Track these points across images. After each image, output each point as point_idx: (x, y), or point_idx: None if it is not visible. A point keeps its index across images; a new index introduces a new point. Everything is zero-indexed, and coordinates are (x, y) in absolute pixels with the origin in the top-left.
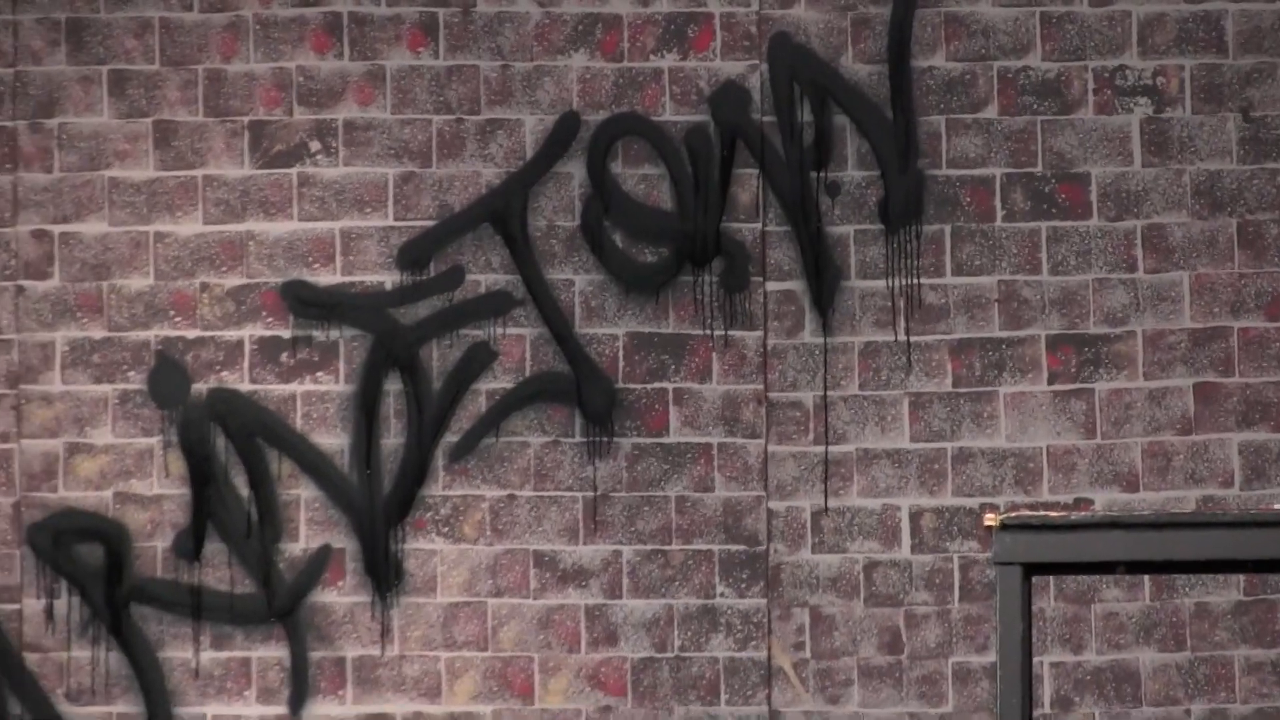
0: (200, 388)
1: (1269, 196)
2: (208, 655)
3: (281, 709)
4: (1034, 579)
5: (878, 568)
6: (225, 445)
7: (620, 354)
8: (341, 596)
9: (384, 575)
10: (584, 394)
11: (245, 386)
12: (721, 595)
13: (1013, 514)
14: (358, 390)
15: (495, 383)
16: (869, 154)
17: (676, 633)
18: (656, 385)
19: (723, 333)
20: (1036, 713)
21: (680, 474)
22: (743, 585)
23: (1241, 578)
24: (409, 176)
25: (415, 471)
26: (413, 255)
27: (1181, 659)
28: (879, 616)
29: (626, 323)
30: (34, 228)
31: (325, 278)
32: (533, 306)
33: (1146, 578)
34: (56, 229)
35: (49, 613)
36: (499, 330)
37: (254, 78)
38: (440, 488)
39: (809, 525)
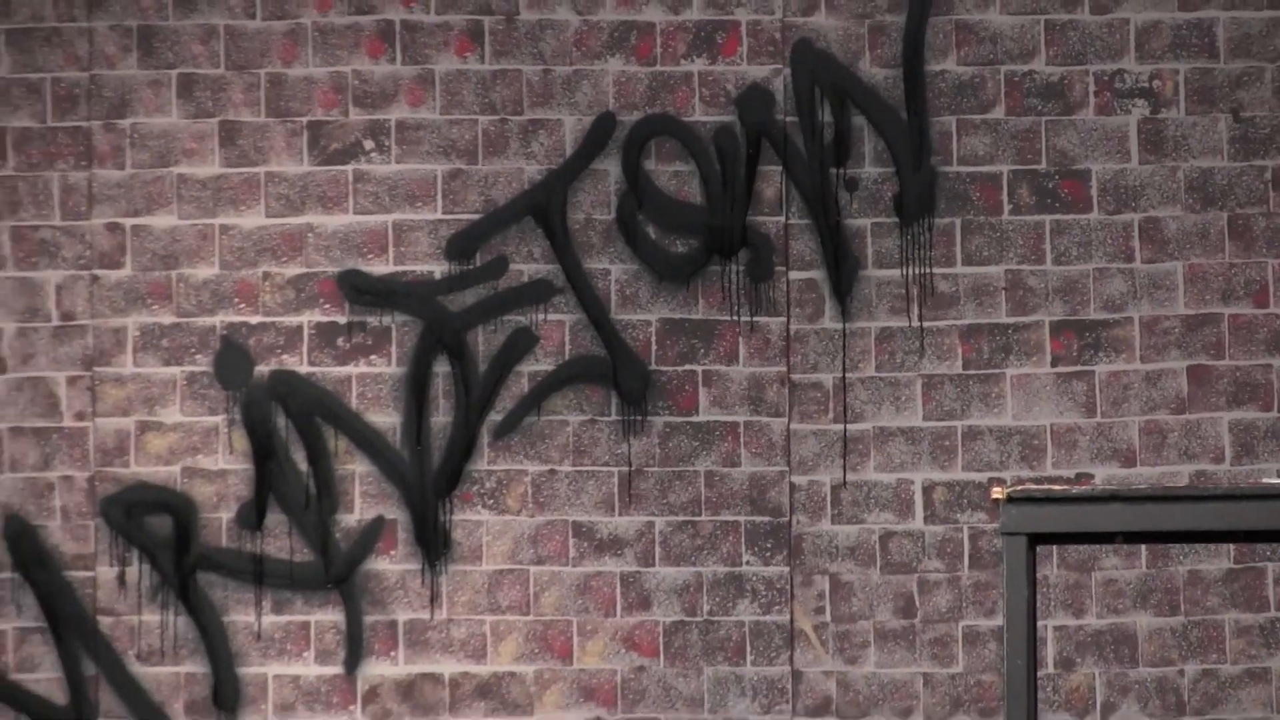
0: (262, 370)
1: (1257, 191)
2: (269, 619)
3: (338, 669)
4: (1038, 548)
5: (893, 537)
6: (285, 423)
7: (653, 338)
8: (393, 564)
9: (433, 544)
10: (619, 376)
11: (304, 369)
12: (747, 563)
13: (1018, 488)
14: (409, 372)
15: (537, 365)
16: (885, 152)
17: (705, 598)
18: (687, 368)
19: (748, 319)
20: (1041, 673)
21: (709, 450)
22: (767, 554)
23: (1231, 547)
24: (457, 173)
25: (462, 448)
26: (460, 246)
27: (1176, 623)
28: (894, 583)
29: (659, 309)
30: (107, 221)
31: (379, 267)
32: (571, 294)
33: (1143, 547)
34: (128, 222)
35: (121, 579)
36: (540, 316)
37: (312, 81)
38: (485, 463)
39: (829, 498)
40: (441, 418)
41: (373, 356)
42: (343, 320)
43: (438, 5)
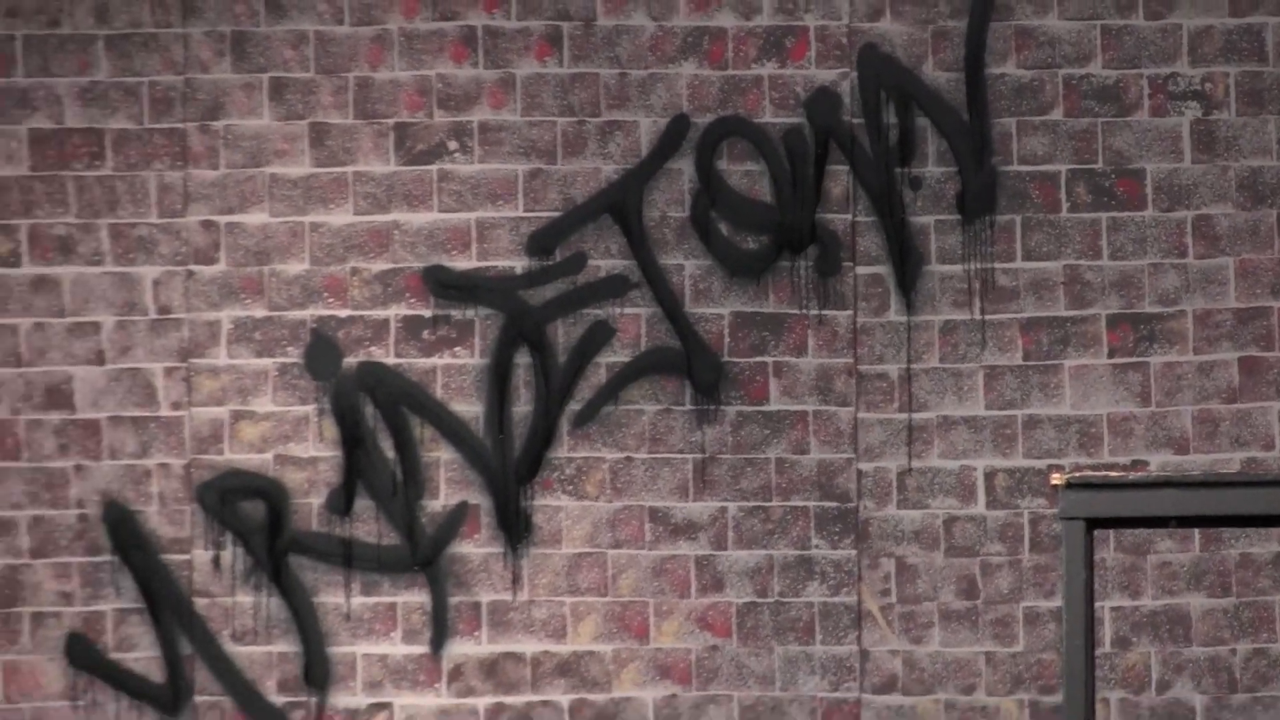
0: (351, 361)
1: None
2: (357, 600)
3: (423, 648)
4: (1095, 532)
5: (956, 522)
6: (373, 413)
7: (725, 331)
8: (477, 548)
9: (515, 529)
10: (693, 367)
11: (391, 360)
12: (816, 547)
13: (1076, 474)
14: (491, 363)
15: (614, 357)
16: (947, 152)
17: (776, 580)
18: (757, 359)
19: (817, 312)
20: (1098, 652)
21: (779, 438)
22: (835, 538)
23: None
24: (537, 172)
25: (543, 436)
26: (540, 243)
27: (1227, 604)
28: (957, 566)
29: (731, 303)
30: (203, 218)
31: (462, 263)
32: (647, 289)
33: (1196, 531)
34: (223, 219)
35: (216, 562)
36: (617, 310)
37: (398, 84)
38: (565, 450)
39: (894, 484)
40: (522, 407)
41: (457, 348)
42: (428, 314)
43: (518, 11)
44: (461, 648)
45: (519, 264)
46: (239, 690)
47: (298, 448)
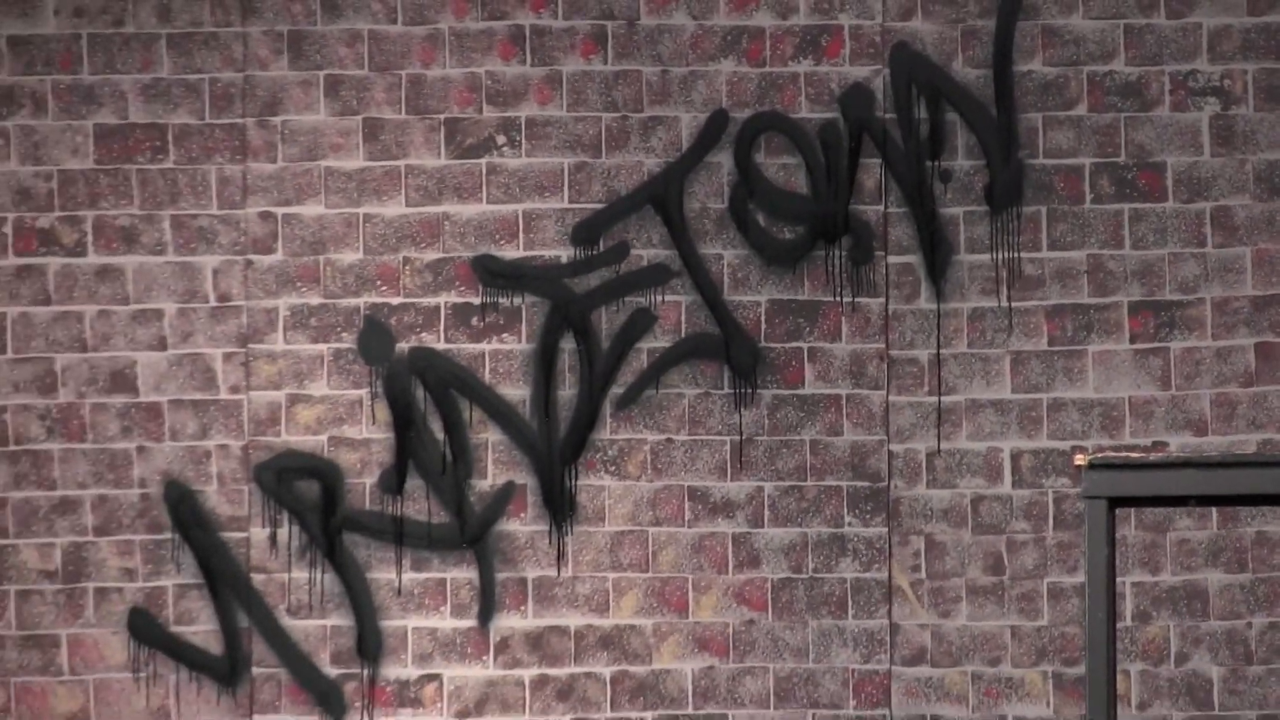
0: (403, 347)
1: None
2: (409, 576)
3: (472, 622)
4: (1117, 511)
5: (983, 501)
6: (424, 396)
7: (762, 318)
8: (523, 526)
9: (560, 507)
10: (731, 352)
11: (441, 346)
12: (849, 524)
13: (1099, 455)
14: (537, 349)
15: (655, 342)
16: (976, 146)
17: (810, 557)
18: (793, 345)
19: (850, 299)
20: (1119, 625)
21: (814, 421)
22: (867, 516)
23: None
24: (581, 166)
25: (586, 418)
26: (584, 233)
27: (1244, 579)
28: (984, 543)
29: (768, 291)
30: (261, 209)
31: (510, 252)
32: (687, 277)
33: (1214, 510)
34: (280, 210)
35: (273, 540)
36: (658, 297)
37: (449, 81)
38: (608, 432)
39: (924, 465)
40: (567, 391)
41: (504, 334)
42: (476, 301)
43: (565, 10)
44: (508, 621)
45: (564, 253)
46: (294, 662)
47: (351, 430)
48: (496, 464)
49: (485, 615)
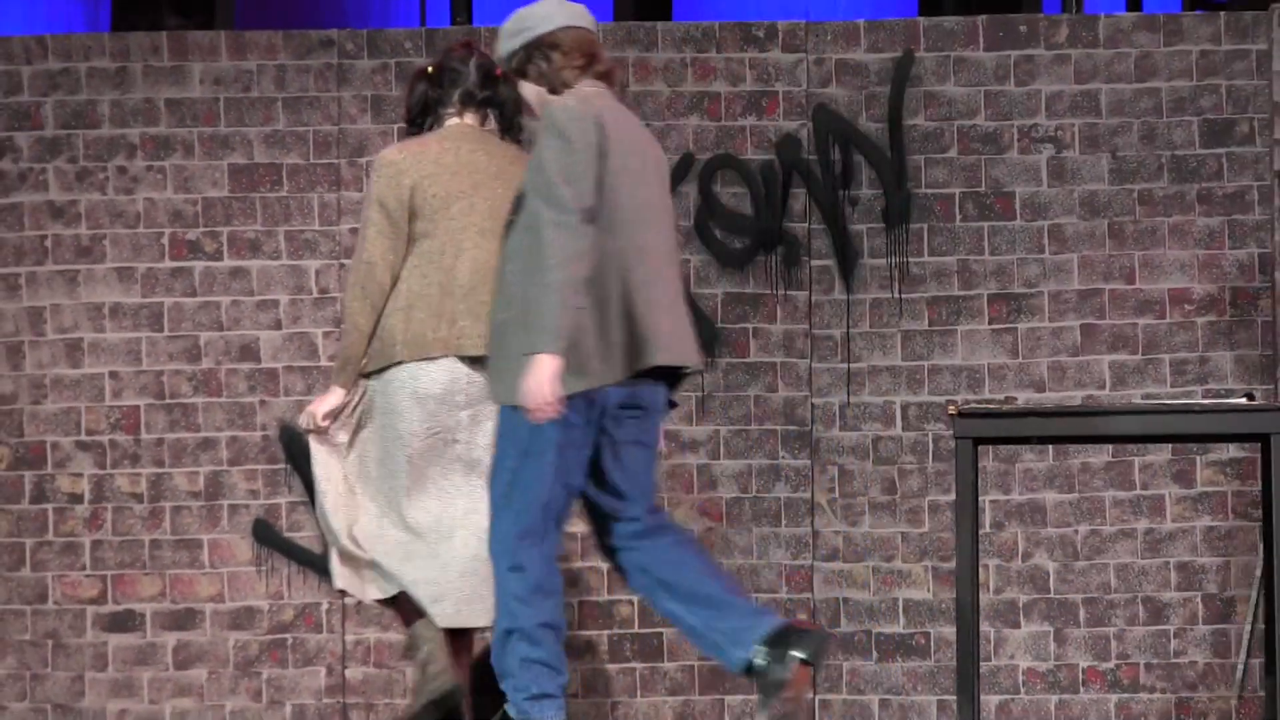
0: None
1: (1126, 207)
2: None
3: None
4: (979, 447)
5: (881, 440)
6: None
7: (718, 305)
8: None
9: None
10: (698, 331)
11: None
12: (782, 458)
13: (966, 406)
14: None
15: None
16: (876, 179)
17: (754, 481)
18: (741, 325)
19: (784, 292)
20: (980, 531)
21: (756, 381)
22: (795, 451)
23: (1111, 446)
24: None
25: None
26: None
27: (1072, 498)
28: (882, 471)
29: (723, 286)
30: (351, 226)
31: None
32: None
33: (1050, 446)
34: None
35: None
36: None
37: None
38: None
39: (838, 414)
40: None
41: None
42: None
43: None
44: None
45: None
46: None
47: None
48: None
49: None
